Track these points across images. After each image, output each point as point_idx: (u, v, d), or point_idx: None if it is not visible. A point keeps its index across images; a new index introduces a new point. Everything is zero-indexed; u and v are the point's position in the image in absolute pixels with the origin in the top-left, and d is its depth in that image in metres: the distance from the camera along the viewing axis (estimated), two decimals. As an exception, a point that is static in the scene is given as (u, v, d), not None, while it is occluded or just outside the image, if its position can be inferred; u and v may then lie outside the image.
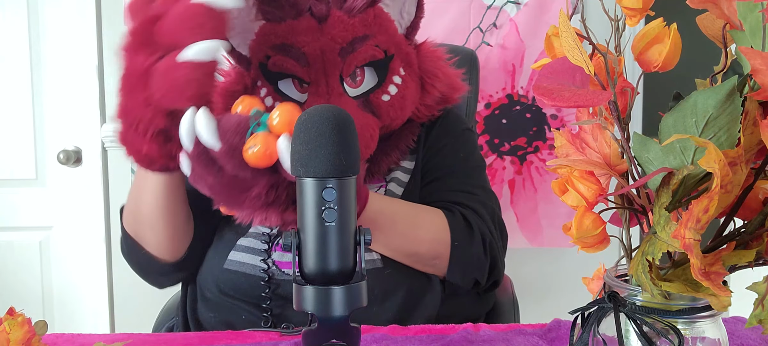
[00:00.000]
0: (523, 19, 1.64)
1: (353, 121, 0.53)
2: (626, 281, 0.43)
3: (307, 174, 0.50)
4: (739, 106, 0.36)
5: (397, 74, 0.89)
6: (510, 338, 0.70)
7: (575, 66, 0.41)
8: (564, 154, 0.44)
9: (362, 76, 0.86)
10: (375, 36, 0.86)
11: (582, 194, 0.41)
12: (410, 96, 0.91)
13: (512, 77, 1.67)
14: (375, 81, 0.87)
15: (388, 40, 0.87)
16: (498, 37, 1.65)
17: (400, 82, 0.89)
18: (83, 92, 1.69)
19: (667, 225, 0.37)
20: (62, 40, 1.68)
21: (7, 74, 1.68)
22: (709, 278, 0.35)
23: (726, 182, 0.34)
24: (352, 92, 0.86)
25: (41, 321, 0.55)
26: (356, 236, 0.52)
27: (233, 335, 0.73)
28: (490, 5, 1.64)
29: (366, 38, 0.85)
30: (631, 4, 0.40)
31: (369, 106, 0.87)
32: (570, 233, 0.42)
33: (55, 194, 1.73)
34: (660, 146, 0.38)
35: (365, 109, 0.87)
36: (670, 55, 0.40)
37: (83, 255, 1.73)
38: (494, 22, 1.64)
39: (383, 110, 0.87)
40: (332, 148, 0.49)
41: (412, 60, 0.91)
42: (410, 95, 0.91)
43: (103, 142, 1.70)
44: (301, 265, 0.52)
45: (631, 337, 0.41)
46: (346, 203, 0.51)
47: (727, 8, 0.38)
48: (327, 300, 0.50)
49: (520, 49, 1.65)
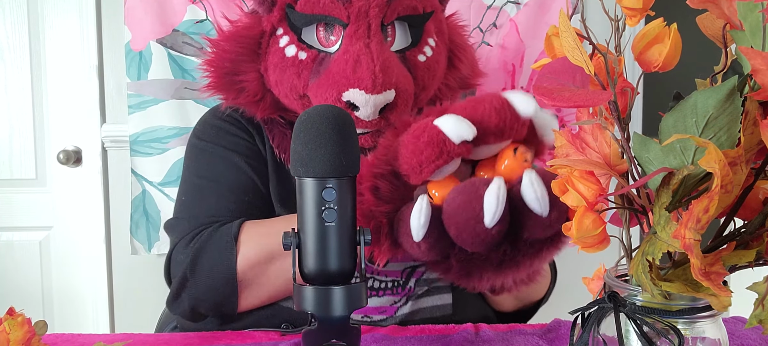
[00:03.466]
0: (523, 19, 1.64)
1: (353, 120, 0.53)
2: (626, 281, 0.43)
3: (307, 174, 0.50)
4: (739, 106, 0.36)
5: (431, 37, 0.83)
6: (510, 338, 0.70)
7: (575, 66, 0.41)
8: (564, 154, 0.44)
9: (393, 34, 0.79)
10: None
11: (582, 194, 0.41)
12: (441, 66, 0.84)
13: (512, 77, 1.67)
14: (408, 41, 0.80)
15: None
16: (498, 37, 1.65)
17: (434, 45, 0.82)
18: (83, 92, 1.69)
19: (668, 225, 0.37)
20: (62, 39, 1.67)
21: (8, 74, 1.68)
22: (709, 278, 0.35)
23: (726, 182, 0.34)
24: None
25: (41, 321, 0.55)
26: (356, 236, 0.52)
27: (233, 335, 0.73)
28: (490, 5, 1.64)
29: None
30: (631, 4, 0.40)
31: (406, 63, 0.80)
32: (570, 233, 0.42)
33: (55, 194, 1.73)
34: (660, 146, 0.38)
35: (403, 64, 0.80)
36: (670, 55, 0.40)
37: (83, 255, 1.73)
38: (494, 22, 1.64)
39: (420, 71, 0.80)
40: (332, 148, 0.49)
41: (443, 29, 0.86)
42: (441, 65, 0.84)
43: (103, 143, 1.70)
44: (300, 265, 0.52)
45: (631, 337, 0.41)
46: (345, 203, 0.51)
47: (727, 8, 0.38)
48: (327, 300, 0.50)
49: (520, 49, 1.65)
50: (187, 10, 1.61)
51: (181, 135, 1.63)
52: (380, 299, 0.80)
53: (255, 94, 0.82)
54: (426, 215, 0.56)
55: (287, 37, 0.79)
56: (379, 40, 0.76)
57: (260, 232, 0.76)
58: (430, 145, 0.56)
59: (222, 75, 0.82)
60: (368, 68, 0.73)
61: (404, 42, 0.80)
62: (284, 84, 0.80)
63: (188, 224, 0.80)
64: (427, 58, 0.81)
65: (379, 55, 0.74)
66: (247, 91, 0.82)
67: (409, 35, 0.80)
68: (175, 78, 1.63)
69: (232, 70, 0.82)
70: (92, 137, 1.70)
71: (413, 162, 0.57)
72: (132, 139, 1.65)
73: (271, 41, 0.80)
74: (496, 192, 0.54)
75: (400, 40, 0.80)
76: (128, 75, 1.63)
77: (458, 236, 0.56)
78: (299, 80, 0.78)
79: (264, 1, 0.79)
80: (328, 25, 0.78)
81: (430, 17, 0.81)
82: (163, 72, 1.62)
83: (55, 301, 1.75)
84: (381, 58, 0.74)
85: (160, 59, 1.62)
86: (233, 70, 0.82)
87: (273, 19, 0.79)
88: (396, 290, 0.80)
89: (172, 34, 1.61)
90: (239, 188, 0.83)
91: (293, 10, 0.77)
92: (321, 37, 0.78)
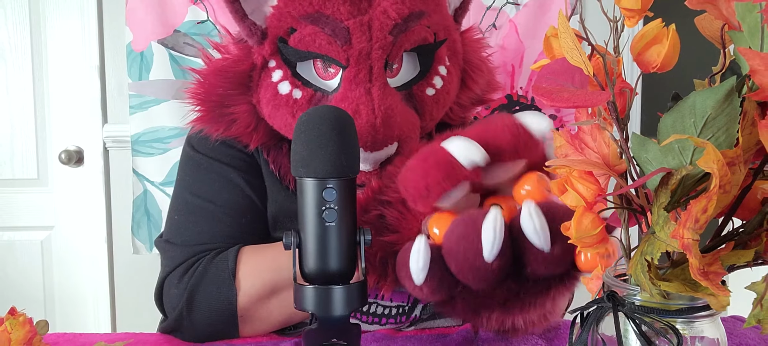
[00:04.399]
0: (523, 19, 1.64)
1: (353, 121, 0.53)
2: (625, 280, 0.43)
3: (307, 174, 0.50)
4: (737, 106, 0.36)
5: (442, 64, 0.74)
6: (510, 338, 0.70)
7: (574, 67, 0.41)
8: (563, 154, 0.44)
9: (399, 65, 0.71)
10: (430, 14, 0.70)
11: (581, 194, 0.41)
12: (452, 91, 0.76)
13: (511, 78, 1.67)
14: (416, 71, 0.72)
15: (439, 22, 0.72)
16: (497, 38, 1.65)
17: (445, 73, 0.74)
18: (85, 92, 1.69)
19: (666, 225, 0.37)
20: (64, 40, 1.68)
21: (9, 74, 1.68)
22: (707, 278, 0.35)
23: (724, 182, 0.34)
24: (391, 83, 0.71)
25: (43, 321, 0.55)
26: (356, 236, 0.52)
27: (234, 335, 0.73)
28: (490, 6, 1.64)
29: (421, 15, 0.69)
30: (630, 4, 0.40)
31: (412, 102, 0.73)
32: (569, 233, 0.42)
33: (56, 194, 1.73)
34: (659, 147, 0.38)
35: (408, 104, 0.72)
36: (669, 56, 0.40)
37: (85, 255, 1.73)
38: (493, 22, 1.65)
39: (427, 107, 0.73)
40: (332, 148, 0.50)
41: (458, 49, 0.77)
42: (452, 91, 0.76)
43: (105, 143, 1.70)
44: (301, 265, 0.52)
45: (630, 336, 0.41)
46: (346, 203, 0.51)
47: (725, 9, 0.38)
48: (327, 300, 0.50)
49: (519, 49, 1.65)
50: (188, 10, 1.61)
51: (182, 135, 1.63)
52: (382, 326, 0.76)
53: (248, 125, 0.75)
54: (424, 257, 0.52)
55: (280, 71, 0.71)
56: (381, 83, 0.68)
57: (260, 264, 0.71)
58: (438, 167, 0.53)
59: (211, 108, 0.76)
60: (368, 122, 0.67)
61: (412, 73, 0.72)
62: (278, 120, 0.73)
63: (180, 252, 0.74)
64: (436, 91, 0.73)
65: (381, 104, 0.67)
66: (240, 122, 0.75)
67: (418, 65, 0.73)
68: (176, 78, 1.64)
69: (221, 103, 0.75)
70: (94, 137, 1.70)
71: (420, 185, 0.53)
72: (133, 140, 1.65)
73: (263, 74, 0.73)
74: (492, 223, 0.50)
75: (407, 71, 0.72)
76: (129, 75, 1.64)
77: (460, 272, 0.52)
78: (293, 120, 0.71)
79: (253, 33, 0.71)
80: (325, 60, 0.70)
81: (442, 44, 0.73)
82: (164, 72, 1.63)
83: (56, 300, 1.75)
84: (383, 108, 0.67)
85: (162, 60, 1.62)
86: (222, 103, 0.75)
87: (264, 51, 0.72)
88: (400, 319, 0.76)
89: (173, 35, 1.62)
90: (236, 209, 0.77)
91: (286, 45, 0.69)
92: (318, 69, 0.71)
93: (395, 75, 0.71)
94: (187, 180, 0.80)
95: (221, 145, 0.79)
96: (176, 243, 0.76)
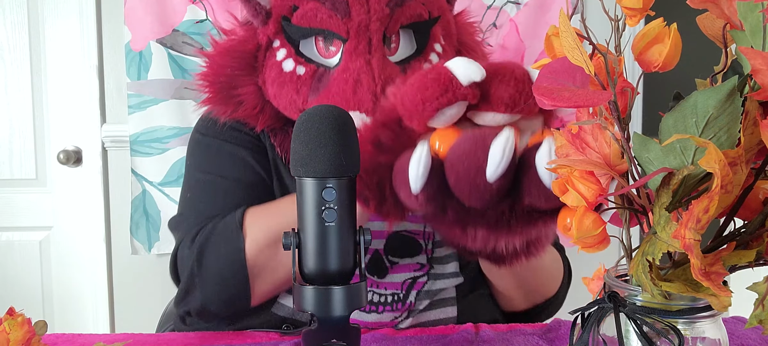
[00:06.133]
0: (523, 19, 1.64)
1: (353, 120, 0.53)
2: (626, 281, 0.43)
3: (306, 174, 0.50)
4: (739, 106, 0.36)
5: (438, 42, 0.78)
6: (510, 338, 0.70)
7: (575, 66, 0.41)
8: (564, 154, 0.44)
9: (397, 42, 0.75)
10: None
11: (582, 194, 0.41)
12: None
13: (512, 77, 1.67)
14: (413, 48, 0.76)
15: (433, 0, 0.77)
16: (498, 37, 1.65)
17: (440, 51, 0.78)
18: (83, 92, 1.69)
19: (668, 225, 0.36)
20: (63, 39, 1.68)
21: (8, 74, 1.68)
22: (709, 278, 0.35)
23: (726, 182, 0.34)
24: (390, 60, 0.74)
25: (41, 321, 0.55)
26: (356, 236, 0.52)
27: (233, 335, 0.73)
28: (490, 5, 1.64)
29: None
30: (631, 4, 0.40)
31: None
32: (570, 233, 0.42)
33: (55, 194, 1.73)
34: (660, 146, 0.38)
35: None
36: (671, 55, 0.40)
37: (83, 255, 1.73)
38: (494, 22, 1.64)
39: None
40: (332, 148, 0.49)
41: (452, 30, 0.81)
42: None
43: (103, 143, 1.70)
44: (301, 265, 0.52)
45: (631, 337, 0.41)
46: (346, 203, 0.51)
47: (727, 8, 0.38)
48: (327, 300, 0.50)
49: (520, 49, 1.65)
50: (187, 10, 1.61)
51: (181, 135, 1.63)
52: (380, 315, 0.78)
53: (254, 106, 0.79)
54: (425, 164, 0.52)
55: (284, 50, 0.75)
56: (381, 55, 0.72)
57: (266, 214, 0.73)
58: (436, 81, 0.53)
59: (219, 89, 0.79)
60: (369, 89, 0.70)
61: (409, 50, 0.76)
62: (283, 98, 0.76)
63: (194, 221, 0.77)
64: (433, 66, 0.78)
65: (380, 74, 0.71)
66: (246, 104, 0.79)
67: (415, 42, 0.77)
68: (175, 78, 1.63)
69: (229, 85, 0.79)
70: (92, 137, 1.70)
71: (416, 99, 0.53)
72: (132, 139, 1.65)
73: (268, 54, 0.77)
74: (503, 143, 0.50)
75: (405, 48, 0.76)
76: (128, 75, 1.63)
77: (457, 186, 0.52)
78: (298, 96, 0.75)
79: (258, 13, 0.76)
80: (327, 36, 0.74)
81: (436, 22, 0.77)
82: (163, 72, 1.63)
83: (55, 301, 1.75)
84: (383, 77, 0.71)
85: (160, 59, 1.62)
86: (230, 84, 0.79)
87: (268, 31, 0.76)
88: (396, 306, 0.78)
89: (172, 34, 1.62)
90: (246, 183, 0.80)
91: (289, 23, 0.74)
92: (320, 48, 0.75)
93: (393, 53, 0.75)
94: (197, 161, 0.84)
95: (229, 128, 0.83)
96: (189, 215, 0.79)
